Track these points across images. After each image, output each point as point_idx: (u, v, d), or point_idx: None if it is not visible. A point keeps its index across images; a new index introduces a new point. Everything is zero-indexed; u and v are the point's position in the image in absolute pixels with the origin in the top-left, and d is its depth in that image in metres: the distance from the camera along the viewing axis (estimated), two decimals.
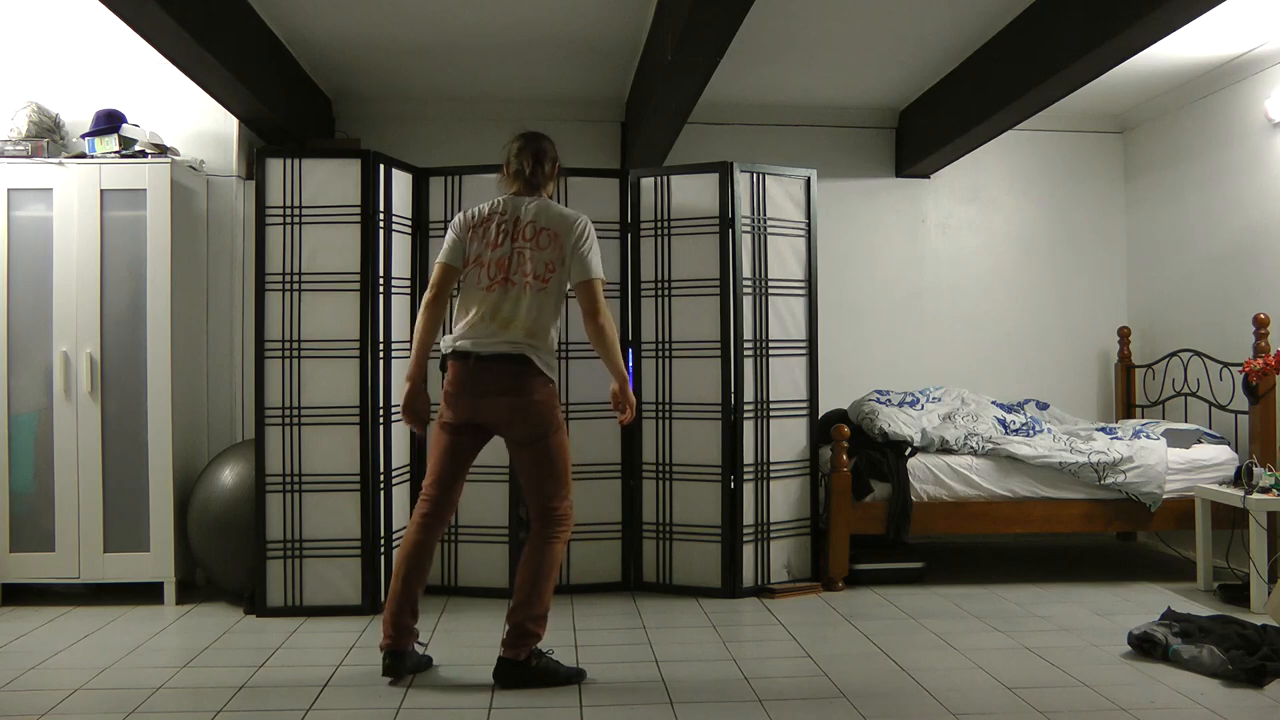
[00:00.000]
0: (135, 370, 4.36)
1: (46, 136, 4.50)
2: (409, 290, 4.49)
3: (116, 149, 4.43)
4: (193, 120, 4.76)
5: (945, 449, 4.75)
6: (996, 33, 4.57)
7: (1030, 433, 4.83)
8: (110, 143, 4.44)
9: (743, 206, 4.51)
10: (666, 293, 4.57)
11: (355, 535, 4.18)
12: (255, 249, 4.21)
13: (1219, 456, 4.72)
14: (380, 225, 4.26)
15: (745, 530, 4.46)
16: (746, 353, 4.49)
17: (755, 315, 4.53)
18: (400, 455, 4.43)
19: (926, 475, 4.66)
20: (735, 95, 5.51)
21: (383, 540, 4.24)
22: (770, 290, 4.57)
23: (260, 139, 4.95)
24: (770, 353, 4.56)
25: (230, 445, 4.61)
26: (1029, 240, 5.99)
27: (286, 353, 4.20)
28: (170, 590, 4.34)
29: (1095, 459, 4.61)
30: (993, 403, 5.19)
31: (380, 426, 4.24)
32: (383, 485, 4.25)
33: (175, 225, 4.40)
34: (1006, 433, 4.83)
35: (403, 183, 4.46)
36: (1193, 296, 5.39)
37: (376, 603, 4.17)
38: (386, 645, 3.27)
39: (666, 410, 4.56)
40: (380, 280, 4.26)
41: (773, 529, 4.55)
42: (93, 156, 4.42)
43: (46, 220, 4.34)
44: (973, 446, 4.73)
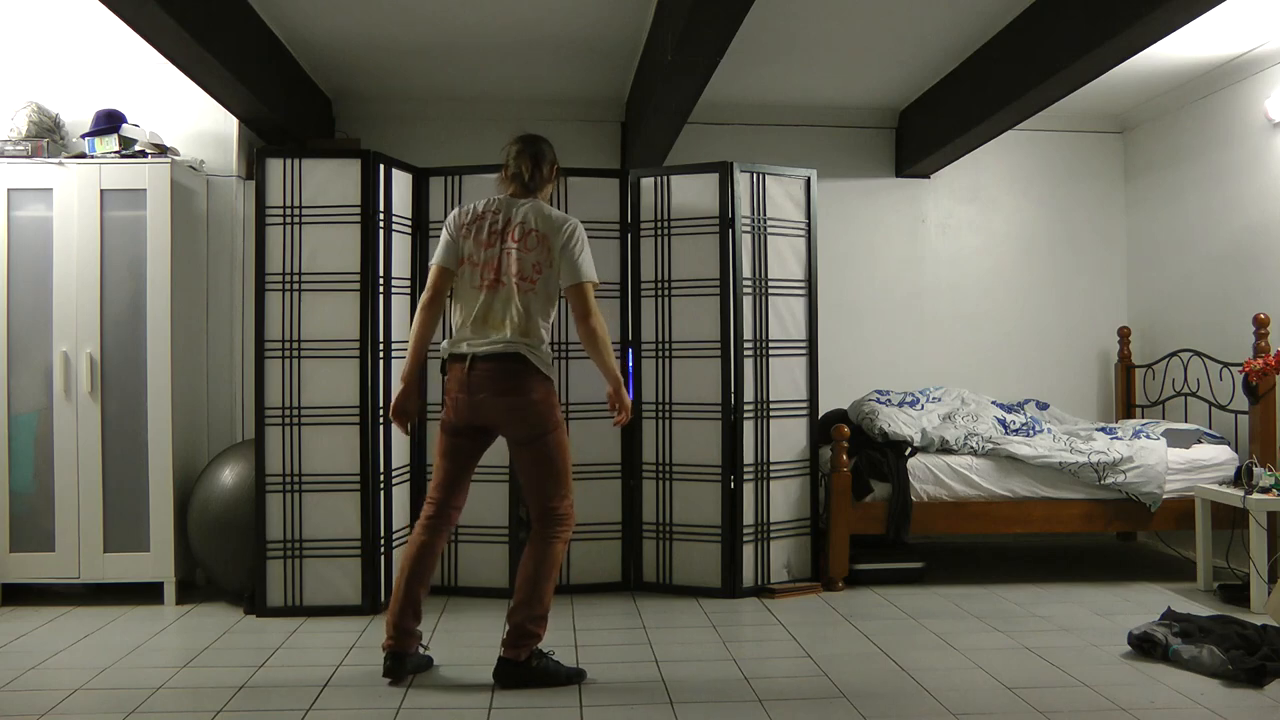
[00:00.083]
0: (135, 370, 4.36)
1: (46, 136, 4.50)
2: (409, 290, 4.49)
3: (116, 149, 4.43)
4: (193, 120, 4.76)
5: (945, 449, 4.75)
6: (996, 33, 4.57)
7: (1030, 433, 4.83)
8: (110, 143, 4.44)
9: (743, 206, 4.51)
10: (666, 293, 4.57)
11: (355, 535, 4.18)
12: (255, 249, 4.21)
13: (1219, 456, 4.72)
14: (380, 225, 4.26)
15: (745, 530, 4.46)
16: (746, 353, 4.50)
17: (755, 315, 4.53)
18: (400, 455, 4.43)
19: (926, 475, 4.66)
20: (735, 95, 5.51)
21: (383, 540, 4.25)
22: (770, 290, 4.57)
23: (260, 139, 4.95)
24: (770, 353, 4.56)
25: (230, 445, 4.61)
26: (1029, 240, 5.99)
27: (286, 353, 4.20)
28: (170, 590, 4.35)
29: (1095, 459, 4.61)
30: (993, 403, 5.19)
31: (380, 426, 4.24)
32: (383, 485, 4.26)
33: (175, 225, 4.40)
34: (1006, 433, 4.83)
35: (403, 183, 4.46)
36: (1193, 296, 5.39)
37: (376, 603, 4.18)
38: (388, 646, 3.29)
39: (666, 410, 4.56)
40: (380, 280, 4.26)
41: (773, 529, 4.55)
42: (93, 156, 4.42)
43: (46, 220, 4.34)
44: (973, 446, 4.73)
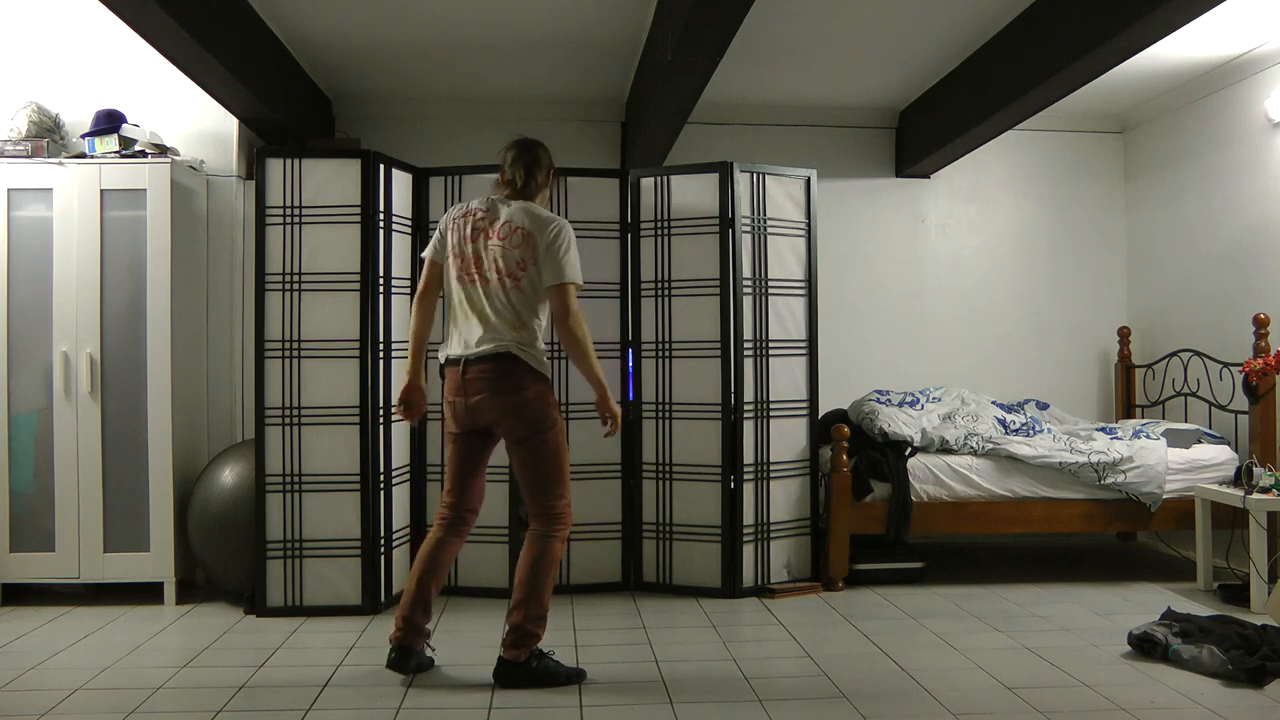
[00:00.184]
0: (135, 370, 4.36)
1: (46, 136, 4.50)
2: (409, 290, 4.48)
3: (116, 149, 4.43)
4: (193, 120, 4.76)
5: (945, 449, 4.75)
6: (996, 33, 4.57)
7: (1030, 433, 4.83)
8: (110, 143, 4.44)
9: (743, 206, 4.51)
10: (666, 293, 4.57)
11: (355, 535, 4.18)
12: (255, 249, 4.21)
13: (1219, 456, 4.72)
14: (380, 225, 4.26)
15: (745, 530, 4.46)
16: (746, 353, 4.49)
17: (755, 315, 4.53)
18: (400, 455, 4.43)
19: (926, 475, 4.66)
20: (735, 95, 5.51)
21: (383, 540, 4.25)
22: (770, 290, 4.57)
23: (260, 139, 4.95)
24: (770, 353, 4.56)
25: (230, 445, 4.61)
26: (1029, 240, 5.99)
27: (286, 353, 4.20)
28: (170, 590, 4.35)
29: (1095, 459, 4.61)
30: (993, 403, 5.19)
31: (380, 426, 4.24)
32: (383, 485, 4.26)
33: (175, 225, 4.40)
34: (1006, 433, 4.83)
35: (403, 183, 4.46)
36: (1193, 296, 5.39)
37: (376, 603, 4.18)
38: (395, 639, 3.32)
39: (666, 410, 4.56)
40: (380, 280, 4.26)
41: (773, 529, 4.55)
42: (93, 156, 4.42)
43: (46, 220, 4.34)
44: (973, 446, 4.73)
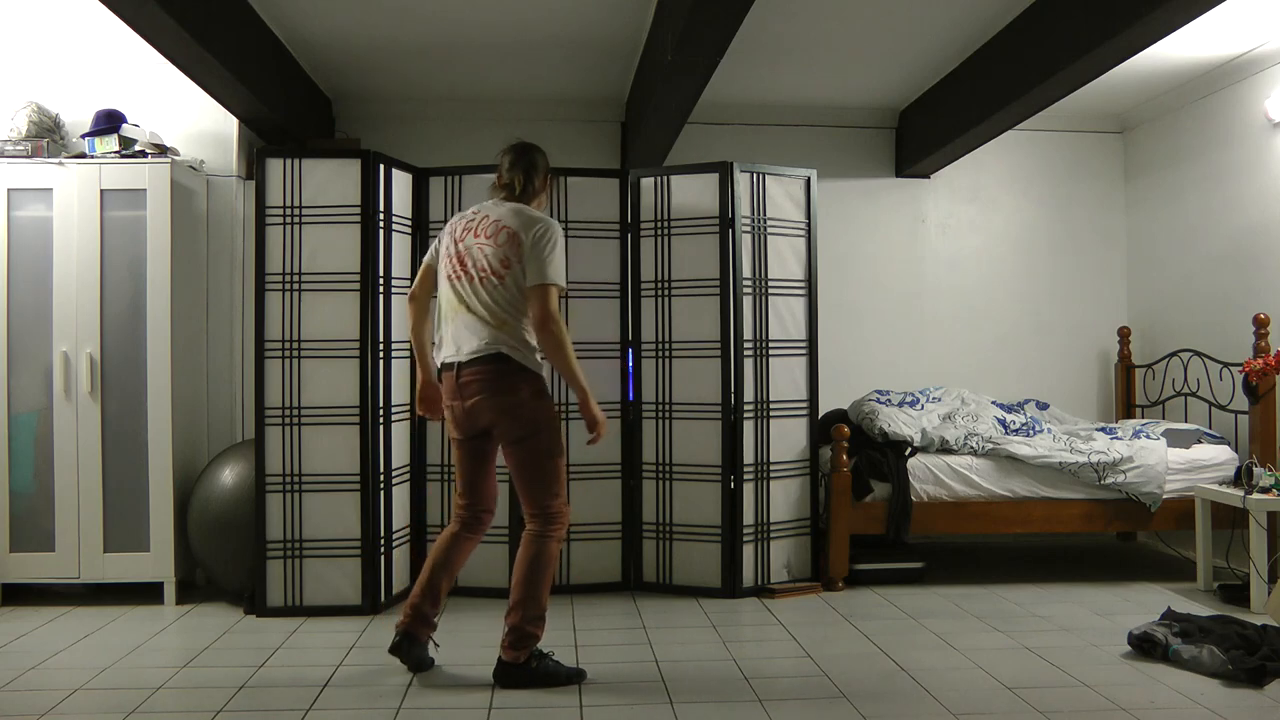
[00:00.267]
0: (135, 370, 4.36)
1: (46, 136, 4.50)
2: (409, 290, 4.48)
3: (116, 149, 4.43)
4: (193, 120, 4.77)
5: (945, 449, 4.75)
6: (996, 33, 4.57)
7: (1030, 433, 4.83)
8: (110, 143, 4.44)
9: (743, 206, 4.51)
10: (666, 293, 4.57)
11: (355, 535, 4.18)
12: (255, 249, 4.21)
13: (1219, 456, 4.72)
14: (380, 225, 4.26)
15: (745, 530, 4.46)
16: (746, 353, 4.49)
17: (755, 315, 4.53)
18: (400, 455, 4.43)
19: (926, 475, 4.66)
20: (735, 95, 5.51)
21: (382, 540, 4.25)
22: (770, 290, 4.57)
23: (260, 139, 4.95)
24: (770, 353, 4.56)
25: (230, 445, 4.61)
26: (1029, 240, 5.99)
27: (286, 353, 4.20)
28: (170, 590, 4.35)
29: (1095, 459, 4.61)
30: (993, 403, 5.19)
31: (380, 426, 4.24)
32: (383, 485, 4.26)
33: (175, 225, 4.40)
34: (1006, 433, 4.82)
35: (403, 183, 4.46)
36: (1193, 296, 5.39)
37: (376, 603, 4.18)
38: (401, 626, 3.36)
39: (666, 410, 4.56)
40: (380, 280, 4.26)
41: (773, 529, 4.55)
42: (93, 156, 4.42)
43: (46, 220, 4.34)
44: (973, 446, 4.73)
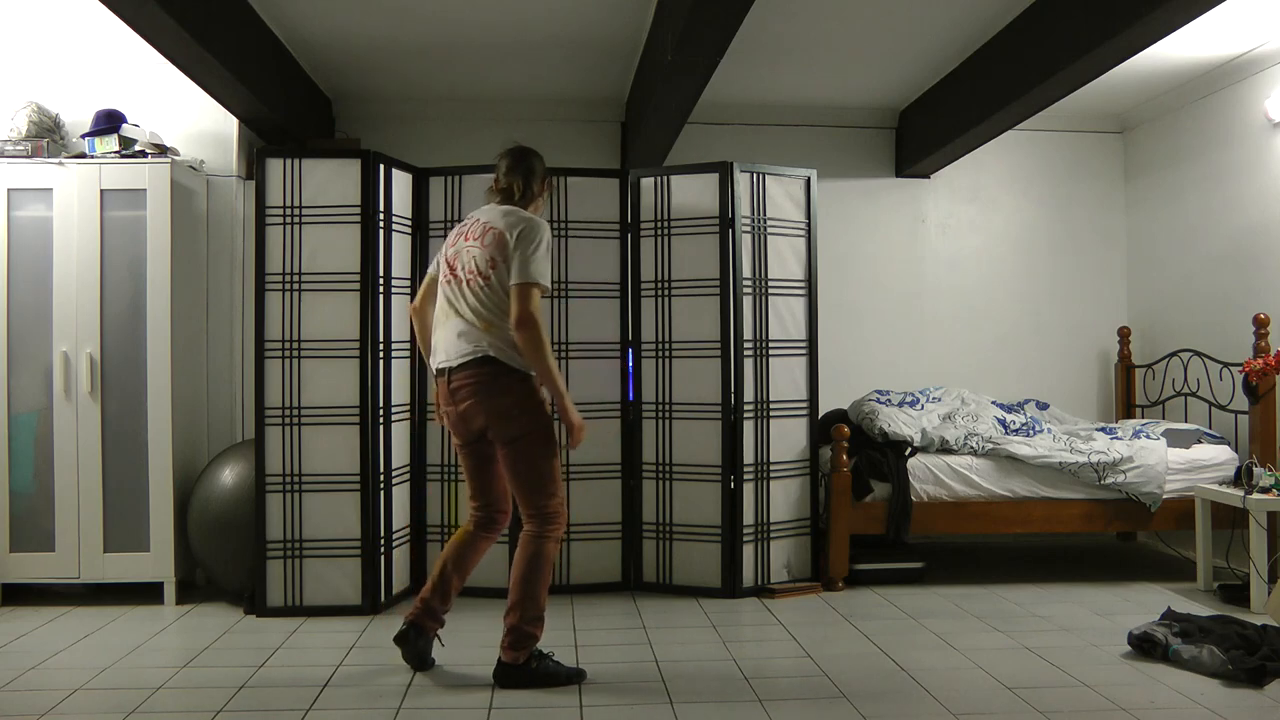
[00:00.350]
0: (135, 370, 4.36)
1: (46, 136, 4.50)
2: (409, 290, 4.48)
3: (116, 149, 4.43)
4: (193, 120, 4.76)
5: (945, 449, 4.75)
6: (996, 33, 4.57)
7: (1030, 433, 4.83)
8: (110, 143, 4.44)
9: (743, 206, 4.51)
10: (666, 293, 4.57)
11: (355, 535, 4.18)
12: (255, 249, 4.21)
13: (1219, 456, 4.72)
14: (380, 225, 4.26)
15: (745, 530, 4.46)
16: (746, 353, 4.49)
17: (755, 315, 4.53)
18: (400, 455, 4.43)
19: (926, 475, 4.66)
20: (735, 95, 5.51)
21: (382, 540, 4.25)
22: (770, 290, 4.57)
23: (260, 139, 4.95)
24: (770, 353, 4.56)
25: (230, 445, 4.61)
26: (1029, 240, 5.99)
27: (286, 353, 4.20)
28: (170, 590, 4.35)
29: (1095, 459, 4.61)
30: (993, 403, 5.19)
31: (380, 426, 4.24)
32: (383, 485, 4.26)
33: (175, 225, 4.40)
34: (1006, 433, 4.82)
35: (403, 183, 4.46)
36: (1193, 296, 5.39)
37: (376, 603, 4.18)
38: (409, 617, 3.40)
39: (666, 410, 4.56)
40: (380, 280, 4.26)
41: (773, 529, 4.55)
42: (93, 156, 4.42)
43: (46, 220, 4.34)
44: (973, 446, 4.73)
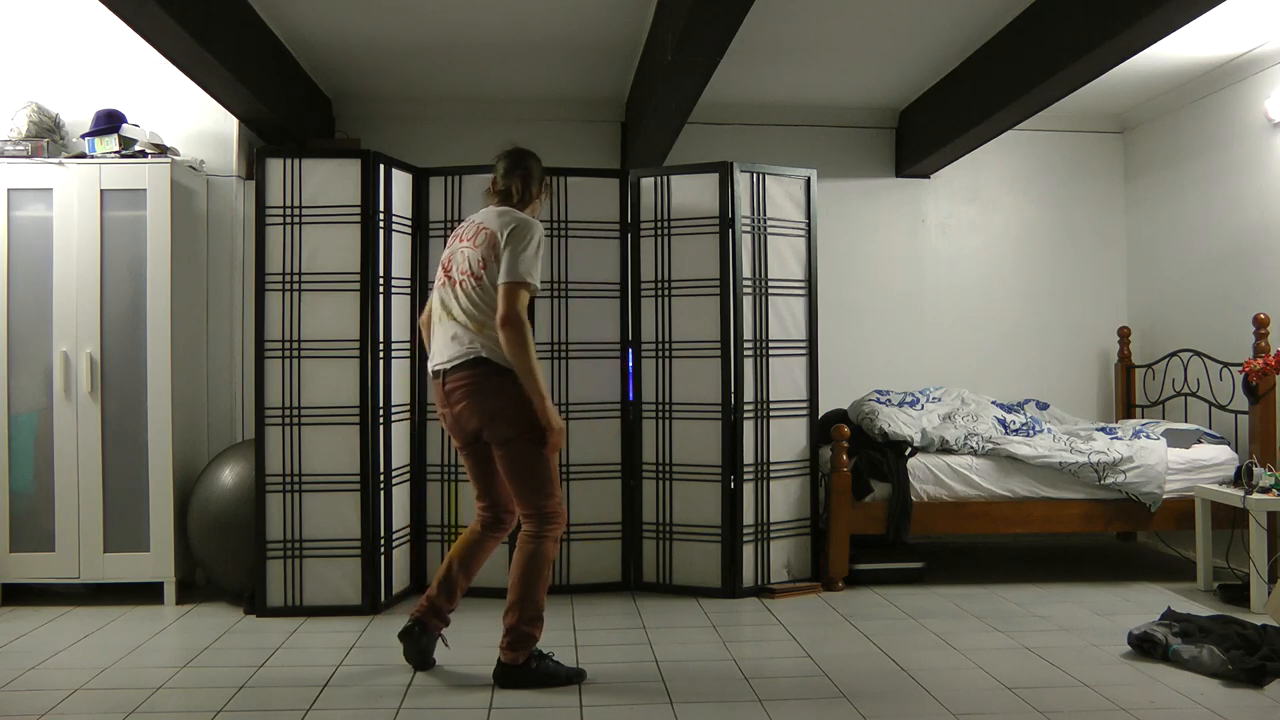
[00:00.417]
0: (135, 370, 4.36)
1: (46, 136, 4.50)
2: (409, 290, 4.49)
3: (116, 149, 4.43)
4: (193, 120, 4.76)
5: (945, 449, 4.75)
6: (996, 33, 4.57)
7: (1030, 433, 4.83)
8: (110, 143, 4.44)
9: (743, 206, 4.51)
10: (666, 293, 4.57)
11: (355, 535, 4.18)
12: (255, 249, 4.21)
13: (1219, 456, 4.72)
14: (380, 225, 4.26)
15: (745, 530, 4.46)
16: (746, 353, 4.49)
17: (755, 315, 4.53)
18: (400, 455, 4.43)
19: (926, 475, 4.66)
20: (735, 95, 5.51)
21: (383, 540, 4.25)
22: (770, 290, 4.57)
23: (260, 139, 4.95)
24: (770, 353, 4.56)
25: (230, 445, 4.61)
26: (1029, 240, 5.99)
27: (286, 353, 4.20)
28: (170, 590, 4.35)
29: (1095, 459, 4.61)
30: (993, 403, 5.19)
31: (380, 426, 4.24)
32: (383, 485, 4.26)
33: (175, 225, 4.40)
34: (1006, 433, 4.82)
35: (403, 183, 4.46)
36: (1193, 296, 5.39)
37: (376, 603, 4.18)
38: (414, 614, 3.42)
39: (666, 410, 4.56)
40: (380, 280, 4.26)
41: (773, 529, 4.55)
42: (93, 156, 4.42)
43: (46, 220, 4.34)
44: (973, 446, 4.73)
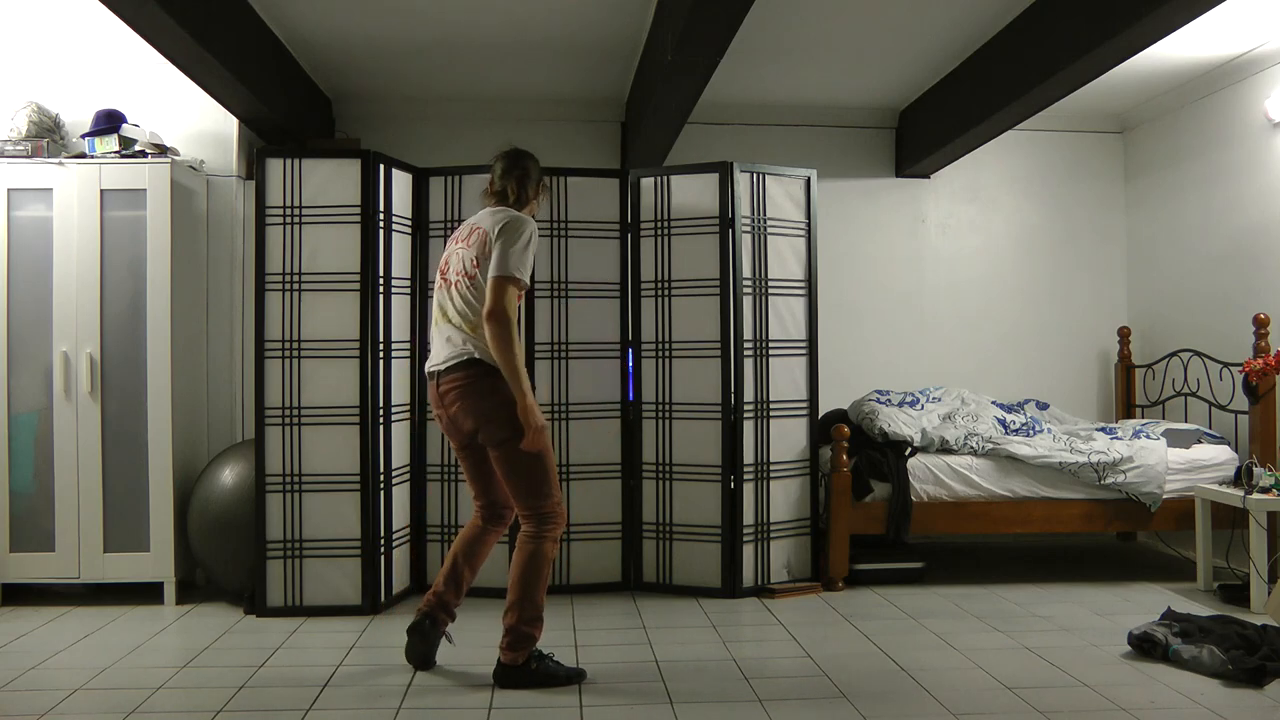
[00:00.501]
0: (135, 370, 4.36)
1: (46, 136, 4.50)
2: (409, 290, 4.49)
3: (116, 149, 4.43)
4: (193, 120, 4.77)
5: (945, 449, 4.75)
6: (996, 33, 4.57)
7: (1030, 433, 4.83)
8: (110, 143, 4.44)
9: (743, 206, 4.51)
10: (666, 293, 4.57)
11: (355, 535, 4.18)
12: (255, 249, 4.21)
13: (1219, 456, 4.72)
14: (380, 225, 4.26)
15: (745, 530, 4.46)
16: (746, 353, 4.49)
17: (755, 315, 4.53)
18: (400, 455, 4.43)
19: (926, 475, 4.66)
20: (735, 95, 5.51)
21: (383, 540, 4.25)
22: (770, 290, 4.57)
23: (260, 139, 4.95)
24: (770, 353, 4.56)
25: (230, 445, 4.61)
26: (1029, 240, 5.99)
27: (286, 353, 4.20)
28: (170, 590, 4.35)
29: (1095, 459, 4.61)
30: (993, 403, 5.19)
31: (380, 426, 4.24)
32: (383, 485, 4.26)
33: (175, 225, 4.40)
34: (1006, 433, 4.82)
35: (403, 183, 4.46)
36: (1193, 296, 5.39)
37: (376, 603, 4.18)
38: (422, 609, 3.44)
39: (666, 410, 4.56)
40: (380, 280, 4.26)
41: (773, 529, 4.55)
42: (93, 156, 4.42)
43: (46, 220, 4.34)
44: (973, 446, 4.73)
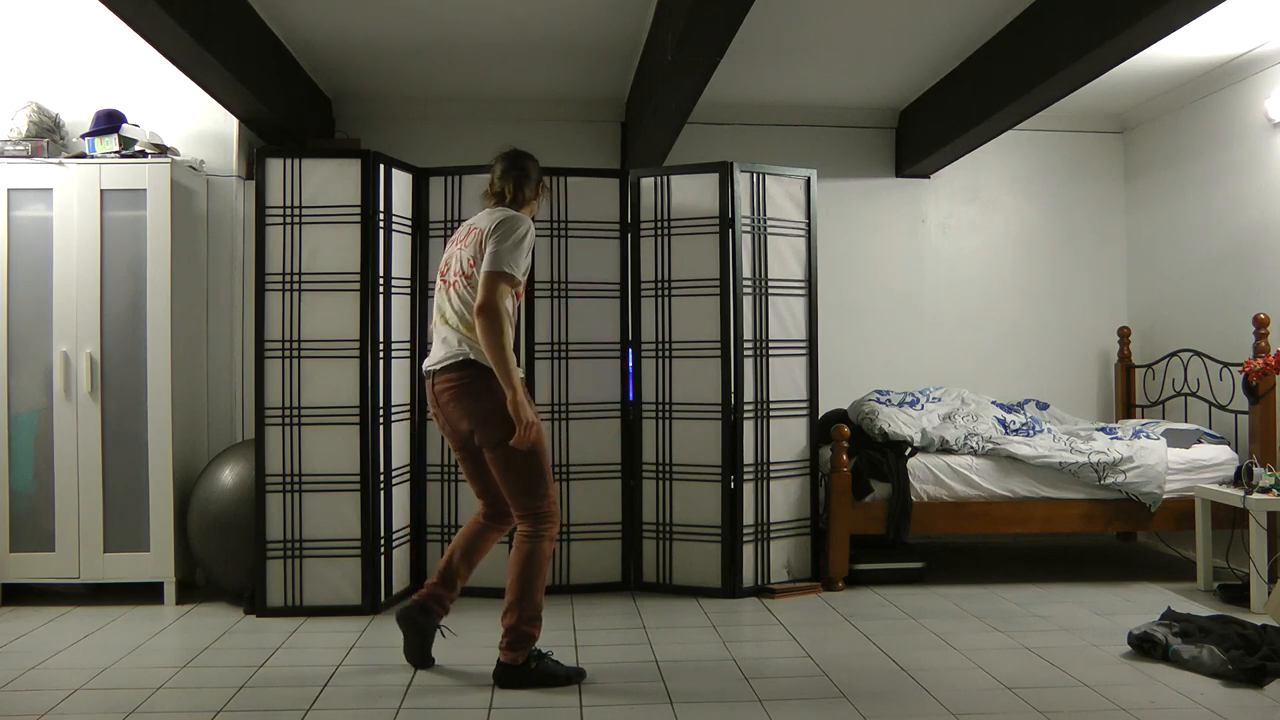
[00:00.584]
0: (135, 370, 4.36)
1: (46, 136, 4.50)
2: (409, 290, 4.49)
3: (116, 149, 4.43)
4: (193, 120, 4.77)
5: (945, 449, 4.75)
6: (996, 33, 4.57)
7: (1030, 433, 4.83)
8: (110, 143, 4.44)
9: (743, 206, 4.51)
10: (666, 293, 4.57)
11: (355, 535, 4.18)
12: (255, 249, 4.21)
13: (1219, 456, 4.72)
14: (380, 225, 4.26)
15: (745, 530, 4.46)
16: (746, 353, 4.49)
17: (755, 315, 4.53)
18: (400, 455, 4.43)
19: (926, 475, 4.66)
20: (735, 95, 5.51)
21: (383, 540, 4.25)
22: (770, 290, 4.57)
23: (260, 139, 4.95)
24: (770, 353, 4.56)
25: (230, 445, 4.61)
26: (1029, 240, 5.99)
27: (286, 353, 4.20)
28: (170, 590, 4.35)
29: (1095, 459, 4.61)
30: (993, 403, 5.19)
31: (380, 426, 4.24)
32: (383, 485, 4.26)
33: (175, 225, 4.40)
34: (1006, 433, 4.82)
35: (403, 183, 4.46)
36: (1193, 296, 5.39)
37: (376, 603, 4.18)
38: (415, 599, 3.45)
39: (666, 410, 4.56)
40: (380, 280, 4.26)
41: (773, 529, 4.55)
42: (93, 156, 4.42)
43: (46, 220, 4.34)
44: (973, 446, 4.73)
